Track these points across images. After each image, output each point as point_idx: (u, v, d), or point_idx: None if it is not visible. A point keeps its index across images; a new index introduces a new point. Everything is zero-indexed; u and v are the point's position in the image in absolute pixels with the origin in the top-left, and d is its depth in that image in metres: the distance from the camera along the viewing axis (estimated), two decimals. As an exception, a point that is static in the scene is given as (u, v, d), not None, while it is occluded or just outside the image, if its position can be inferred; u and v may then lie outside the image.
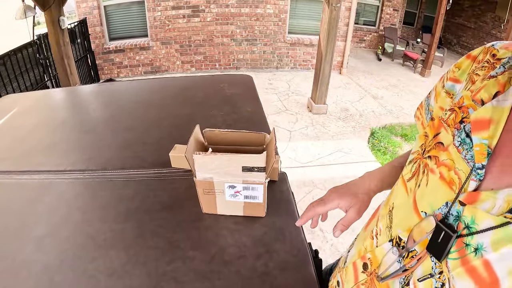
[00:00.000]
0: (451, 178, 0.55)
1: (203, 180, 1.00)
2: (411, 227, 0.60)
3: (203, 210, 1.08)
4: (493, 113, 0.52)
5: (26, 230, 1.05)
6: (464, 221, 0.51)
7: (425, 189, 0.60)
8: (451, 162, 0.56)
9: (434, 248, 0.54)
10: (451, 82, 0.67)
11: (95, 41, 7.52)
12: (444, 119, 0.63)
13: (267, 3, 7.68)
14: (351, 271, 0.79)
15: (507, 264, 0.44)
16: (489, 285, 0.45)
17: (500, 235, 0.45)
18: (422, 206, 0.59)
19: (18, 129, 1.64)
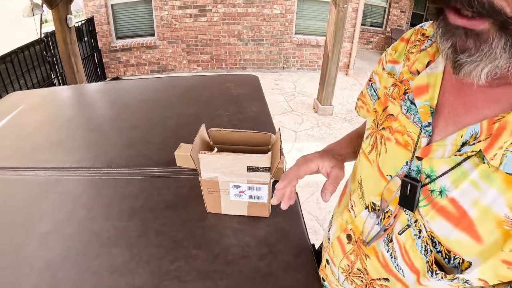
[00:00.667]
0: (405, 141, 0.65)
1: (208, 179, 1.00)
2: (381, 191, 0.69)
3: (207, 209, 1.08)
4: (429, 79, 0.62)
5: (30, 226, 1.05)
6: (424, 172, 0.60)
7: (385, 156, 0.70)
8: (403, 128, 0.66)
9: (405, 202, 0.62)
10: (391, 64, 0.77)
11: (102, 40, 7.55)
12: (389, 94, 0.73)
13: (274, 4, 7.67)
14: (337, 246, 0.86)
15: (469, 196, 0.53)
16: (459, 218, 0.54)
17: (457, 174, 0.54)
18: (386, 170, 0.69)
19: (24, 126, 1.65)
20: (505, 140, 0.48)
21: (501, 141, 0.49)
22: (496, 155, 0.49)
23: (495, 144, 0.49)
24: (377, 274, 0.74)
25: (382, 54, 0.84)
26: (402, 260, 0.66)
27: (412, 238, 0.63)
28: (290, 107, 6.33)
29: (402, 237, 0.65)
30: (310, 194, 3.74)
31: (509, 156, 0.48)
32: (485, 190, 0.51)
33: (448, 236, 0.56)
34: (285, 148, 4.60)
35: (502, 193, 0.49)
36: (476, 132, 0.52)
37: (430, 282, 0.61)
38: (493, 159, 0.49)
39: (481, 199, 0.51)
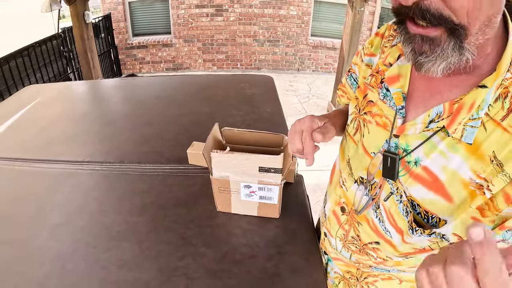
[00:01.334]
0: (384, 122, 0.76)
1: (219, 178, 1.00)
2: (367, 166, 0.79)
3: (218, 208, 1.08)
4: (400, 70, 0.74)
5: (42, 218, 1.06)
6: (401, 147, 0.71)
7: (368, 136, 0.80)
8: (381, 111, 0.77)
9: (387, 173, 0.73)
10: (368, 57, 0.88)
11: (119, 36, 7.61)
12: (368, 83, 0.84)
13: (290, 5, 7.65)
14: (333, 219, 0.95)
15: (438, 163, 0.64)
16: (432, 182, 0.65)
17: (428, 146, 0.66)
18: (371, 148, 0.79)
19: (40, 119, 1.67)
20: (463, 117, 0.59)
21: (460, 117, 0.60)
22: (457, 129, 0.60)
23: (455, 120, 0.60)
24: (368, 239, 0.84)
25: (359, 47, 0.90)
26: (388, 223, 0.77)
27: (395, 203, 0.74)
28: (304, 109, 6.30)
29: (387, 203, 0.76)
30: (321, 196, 3.71)
31: (468, 129, 0.59)
32: (451, 157, 0.62)
33: (424, 198, 0.67)
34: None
35: (465, 160, 0.61)
36: (440, 111, 0.63)
37: (413, 239, 0.70)
38: (455, 133, 0.61)
39: (448, 165, 0.63)
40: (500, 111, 0.57)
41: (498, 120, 0.58)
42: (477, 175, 0.60)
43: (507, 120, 0.57)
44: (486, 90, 0.57)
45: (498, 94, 0.58)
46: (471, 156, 0.60)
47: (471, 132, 0.59)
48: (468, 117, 0.59)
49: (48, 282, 0.86)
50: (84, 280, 0.87)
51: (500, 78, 0.57)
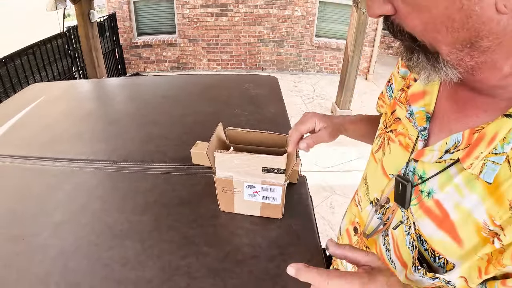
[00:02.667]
0: (406, 143, 0.70)
1: (222, 178, 0.99)
2: (383, 188, 0.75)
3: (221, 208, 1.08)
4: (426, 86, 0.67)
5: (44, 215, 1.07)
6: (417, 173, 0.65)
7: (389, 156, 0.76)
8: (406, 131, 0.71)
9: (398, 199, 0.68)
10: (404, 68, 0.81)
11: (124, 36, 7.64)
12: (397, 98, 0.78)
13: (295, 5, 7.65)
14: (345, 237, 0.95)
15: (452, 199, 0.57)
16: (442, 219, 0.59)
17: (444, 178, 0.58)
18: (389, 169, 0.74)
19: (44, 117, 1.67)
20: (481, 151, 0.52)
21: (477, 151, 0.52)
22: (473, 164, 0.53)
23: (471, 154, 0.53)
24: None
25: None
26: (394, 254, 0.73)
27: (403, 234, 0.69)
28: (308, 110, 6.30)
29: (396, 231, 0.71)
30: (324, 198, 3.71)
31: (489, 165, 0.51)
32: (466, 195, 0.55)
33: (432, 236, 0.61)
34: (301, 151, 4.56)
35: (482, 201, 0.53)
36: (458, 140, 0.56)
37: (415, 277, 0.66)
38: (471, 168, 0.53)
39: (462, 203, 0.55)
40: None
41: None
42: (492, 220, 0.51)
43: None
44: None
45: None
46: (489, 197, 0.52)
47: (493, 169, 0.51)
48: (488, 151, 0.51)
49: (50, 279, 0.86)
50: (86, 278, 0.87)
51: None
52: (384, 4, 0.52)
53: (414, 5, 0.48)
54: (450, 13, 0.45)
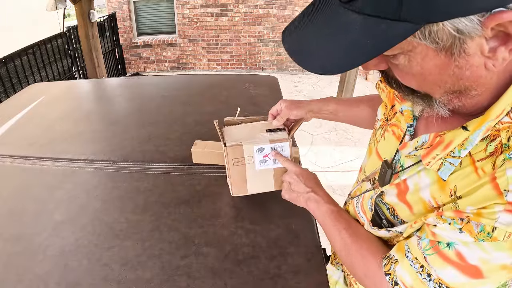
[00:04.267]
0: (399, 134, 0.80)
1: (233, 146, 1.01)
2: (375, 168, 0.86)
3: (233, 192, 1.07)
4: None
5: (45, 215, 1.07)
6: (400, 162, 0.75)
7: (383, 142, 0.86)
8: (399, 122, 0.81)
9: (380, 180, 0.81)
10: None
11: (124, 36, 7.63)
12: (396, 94, 0.84)
13: (295, 5, 7.64)
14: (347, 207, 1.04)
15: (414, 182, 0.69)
16: (402, 191, 0.72)
17: (414, 168, 0.70)
18: (383, 154, 0.84)
19: (44, 117, 1.67)
20: (437, 153, 0.62)
21: (434, 153, 0.62)
22: (431, 162, 0.63)
23: (430, 154, 0.63)
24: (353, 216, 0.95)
25: None
26: (360, 209, 0.87)
27: (368, 197, 0.84)
28: (308, 110, 6.29)
29: (366, 194, 0.85)
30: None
31: (446, 165, 0.61)
32: (422, 177, 0.67)
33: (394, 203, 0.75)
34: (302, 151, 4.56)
35: (431, 184, 0.65)
36: (425, 140, 0.66)
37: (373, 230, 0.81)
38: (429, 165, 0.63)
39: (419, 183, 0.68)
40: (481, 153, 0.57)
41: (475, 159, 0.58)
42: (435, 201, 0.64)
43: (482, 163, 0.57)
44: (466, 133, 0.58)
45: (487, 135, 0.57)
46: (436, 182, 0.64)
47: (449, 169, 0.61)
48: (443, 154, 0.61)
49: (50, 279, 0.86)
50: (86, 277, 0.87)
51: (491, 122, 0.55)
52: (380, 63, 0.60)
53: (409, 72, 0.56)
54: (442, 78, 0.53)
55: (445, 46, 0.48)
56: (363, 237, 0.83)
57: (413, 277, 0.67)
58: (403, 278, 0.68)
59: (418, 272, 0.66)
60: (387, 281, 0.71)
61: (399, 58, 0.54)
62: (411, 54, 0.52)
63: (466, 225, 0.57)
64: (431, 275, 0.64)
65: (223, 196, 1.14)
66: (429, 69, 0.53)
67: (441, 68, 0.52)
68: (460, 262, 0.59)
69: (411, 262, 0.67)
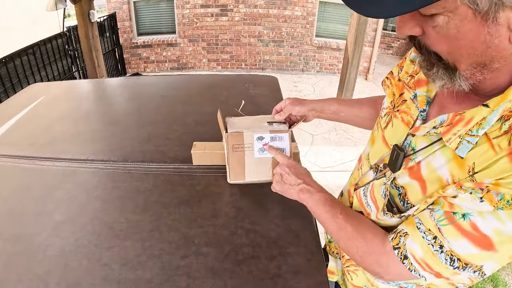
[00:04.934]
0: (408, 120, 0.83)
1: (233, 133, 1.05)
2: (383, 155, 0.89)
3: (230, 179, 1.11)
4: None
5: (44, 215, 1.07)
6: (411, 146, 0.77)
7: (391, 129, 0.88)
8: (408, 110, 0.84)
9: (391, 164, 0.81)
10: (414, 53, 0.89)
11: (124, 36, 7.64)
12: (406, 82, 0.89)
13: (295, 5, 7.65)
14: (346, 197, 1.07)
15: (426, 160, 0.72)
16: (415, 172, 0.74)
17: (429, 149, 0.72)
18: (391, 140, 0.86)
19: (44, 117, 1.67)
20: (458, 129, 0.64)
21: (455, 129, 0.65)
22: (451, 139, 0.65)
23: (451, 130, 0.66)
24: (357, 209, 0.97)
25: None
26: (370, 199, 0.89)
27: (380, 184, 0.85)
28: (308, 110, 6.29)
29: (376, 182, 0.87)
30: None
31: (464, 143, 0.63)
32: (437, 157, 0.70)
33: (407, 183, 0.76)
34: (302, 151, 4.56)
35: (447, 162, 0.67)
36: (444, 120, 0.68)
37: (383, 218, 0.83)
38: (449, 142, 0.66)
39: (432, 162, 0.71)
40: (496, 131, 0.61)
41: (491, 137, 0.61)
42: (453, 178, 0.66)
43: (498, 140, 0.60)
44: (487, 109, 0.61)
45: (501, 116, 0.60)
46: (453, 160, 0.66)
47: (466, 147, 0.63)
48: (463, 130, 0.63)
49: (50, 279, 0.86)
50: (86, 277, 0.87)
51: (507, 104, 0.60)
52: (415, 27, 0.62)
53: (445, 35, 0.58)
54: (474, 44, 0.57)
55: (483, 10, 0.52)
56: (360, 218, 0.87)
57: (424, 250, 0.69)
58: (414, 251, 0.70)
59: (430, 244, 0.68)
60: (394, 256, 0.74)
61: (438, 19, 0.57)
62: (450, 16, 0.55)
63: (487, 194, 0.60)
64: (443, 247, 0.66)
65: (223, 196, 1.14)
66: (464, 33, 0.56)
67: (475, 33, 0.55)
68: (473, 232, 0.62)
69: (423, 234, 0.69)
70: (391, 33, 10.79)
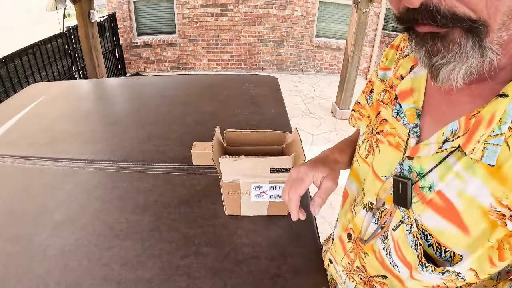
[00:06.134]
0: (397, 142, 0.68)
1: (229, 182, 0.98)
2: (377, 191, 0.72)
3: (226, 212, 1.07)
4: (413, 83, 0.66)
5: (45, 215, 1.07)
6: (415, 170, 0.62)
7: (379, 158, 0.73)
8: (394, 130, 0.69)
9: (399, 200, 0.65)
10: (382, 71, 0.80)
11: (124, 36, 7.63)
12: (380, 99, 0.76)
13: (295, 5, 7.64)
14: (338, 245, 0.87)
15: (454, 187, 0.55)
16: (446, 209, 0.56)
17: (443, 168, 0.57)
18: (381, 171, 0.72)
19: (44, 117, 1.67)
20: (481, 134, 0.50)
21: (477, 135, 0.51)
22: (475, 148, 0.51)
23: (472, 138, 0.52)
24: (375, 272, 0.77)
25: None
26: (396, 256, 0.69)
27: (404, 234, 0.66)
28: (308, 110, 6.30)
29: (396, 233, 0.68)
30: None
31: (490, 148, 0.50)
32: (468, 180, 0.53)
33: (438, 227, 0.59)
34: (301, 150, 4.55)
35: (485, 183, 0.51)
36: (455, 128, 0.55)
37: (423, 276, 0.63)
38: (473, 153, 0.52)
39: (465, 190, 0.54)
40: None
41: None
42: (499, 201, 0.50)
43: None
44: (507, 99, 0.49)
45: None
46: (492, 179, 0.51)
47: (493, 152, 0.50)
48: (488, 133, 0.50)
49: (50, 279, 0.86)
50: (86, 277, 0.87)
51: None
52: None
53: None
54: None
55: None
56: None
57: None
58: None
59: None
60: None
61: None
62: None
63: None
64: None
65: (223, 196, 1.15)
66: None
67: None
68: None
69: None
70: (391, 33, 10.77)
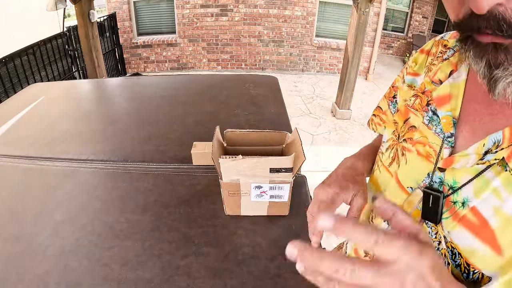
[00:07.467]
0: (427, 152, 0.63)
1: (229, 182, 0.98)
2: (401, 204, 0.66)
3: (226, 212, 1.07)
4: (452, 89, 0.62)
5: (44, 215, 1.07)
6: (447, 183, 0.58)
7: (405, 167, 0.68)
8: (425, 139, 0.64)
9: (428, 214, 0.60)
10: (411, 76, 0.77)
11: (124, 36, 7.65)
12: (410, 105, 0.72)
13: (295, 5, 7.66)
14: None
15: (490, 205, 0.50)
16: (480, 228, 0.52)
17: (480, 183, 0.52)
18: (407, 182, 0.67)
19: (44, 117, 1.67)
20: None
21: None
22: None
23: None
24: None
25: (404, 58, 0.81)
26: None
27: None
28: (308, 110, 6.30)
29: None
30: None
31: None
32: (507, 199, 0.49)
33: (468, 247, 0.54)
34: (301, 150, 4.55)
35: None
36: (498, 140, 0.50)
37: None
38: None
39: (503, 208, 0.49)
40: None
41: None
42: None
43: None
44: None
45: None
46: None
47: None
48: None
49: (50, 279, 0.86)
50: (86, 277, 0.87)
51: None
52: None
53: None
54: None
55: None
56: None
57: None
58: None
59: None
60: None
61: None
62: None
63: None
64: None
65: (223, 196, 1.15)
66: None
67: None
68: None
69: None
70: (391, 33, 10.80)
